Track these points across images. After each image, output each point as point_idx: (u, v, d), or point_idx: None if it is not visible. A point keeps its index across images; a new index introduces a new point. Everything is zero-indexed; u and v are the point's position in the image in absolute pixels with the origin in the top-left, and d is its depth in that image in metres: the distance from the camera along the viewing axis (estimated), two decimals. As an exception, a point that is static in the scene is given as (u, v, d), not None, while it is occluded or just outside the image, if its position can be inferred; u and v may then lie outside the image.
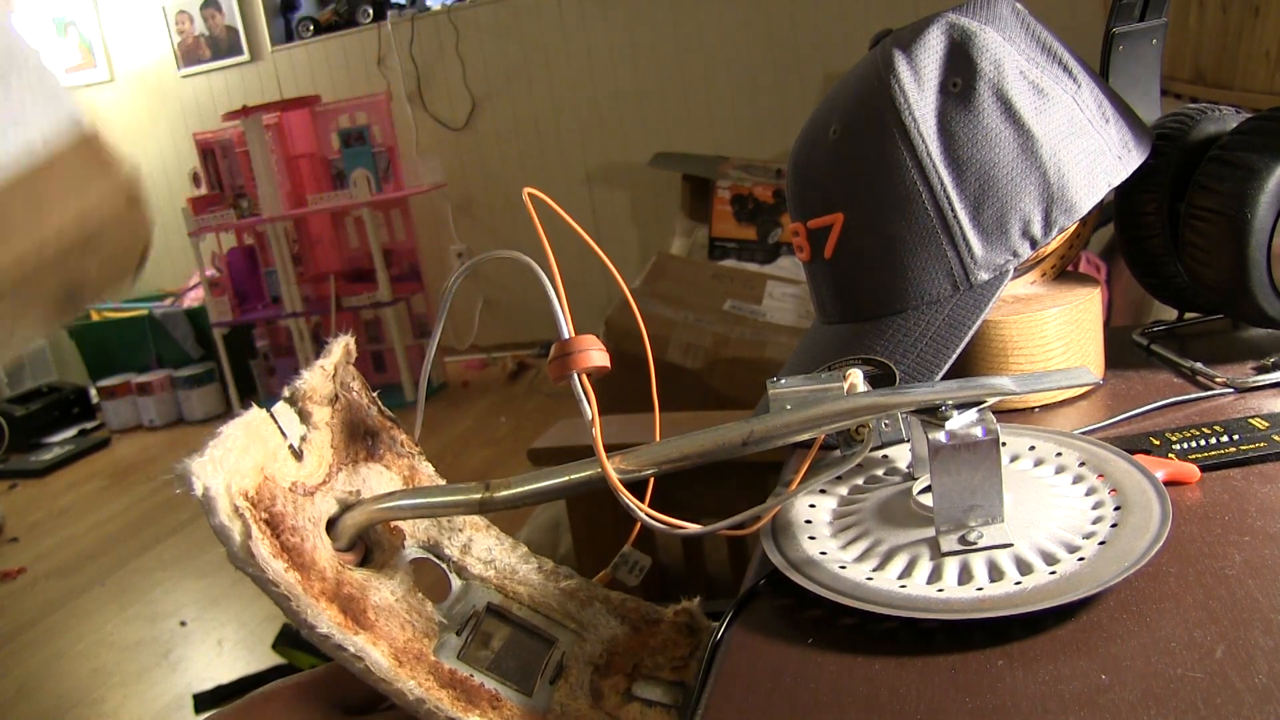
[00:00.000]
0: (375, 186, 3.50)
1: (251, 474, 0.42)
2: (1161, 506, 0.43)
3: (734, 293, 2.26)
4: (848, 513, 0.50)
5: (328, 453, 0.47)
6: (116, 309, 4.21)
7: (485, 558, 0.51)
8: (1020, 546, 0.43)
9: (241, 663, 2.01)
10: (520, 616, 0.49)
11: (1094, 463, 0.49)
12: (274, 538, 0.41)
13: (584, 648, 0.49)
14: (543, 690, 0.46)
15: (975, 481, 0.43)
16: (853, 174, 0.62)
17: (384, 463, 0.50)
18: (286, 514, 0.43)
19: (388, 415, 0.52)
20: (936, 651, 0.40)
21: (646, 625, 0.51)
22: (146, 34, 4.23)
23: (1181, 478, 0.49)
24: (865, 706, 0.37)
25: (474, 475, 0.50)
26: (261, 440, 0.43)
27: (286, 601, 0.40)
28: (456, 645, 0.46)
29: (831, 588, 0.43)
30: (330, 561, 0.44)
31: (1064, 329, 0.62)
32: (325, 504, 0.46)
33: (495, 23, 3.77)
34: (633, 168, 3.68)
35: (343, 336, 0.50)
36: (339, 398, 0.49)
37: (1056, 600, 0.39)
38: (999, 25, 0.60)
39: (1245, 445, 0.50)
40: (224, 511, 0.39)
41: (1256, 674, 0.34)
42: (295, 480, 0.45)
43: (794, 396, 0.46)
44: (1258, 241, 0.56)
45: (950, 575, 0.43)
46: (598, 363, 0.42)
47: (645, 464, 0.43)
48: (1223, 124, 0.62)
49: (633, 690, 0.47)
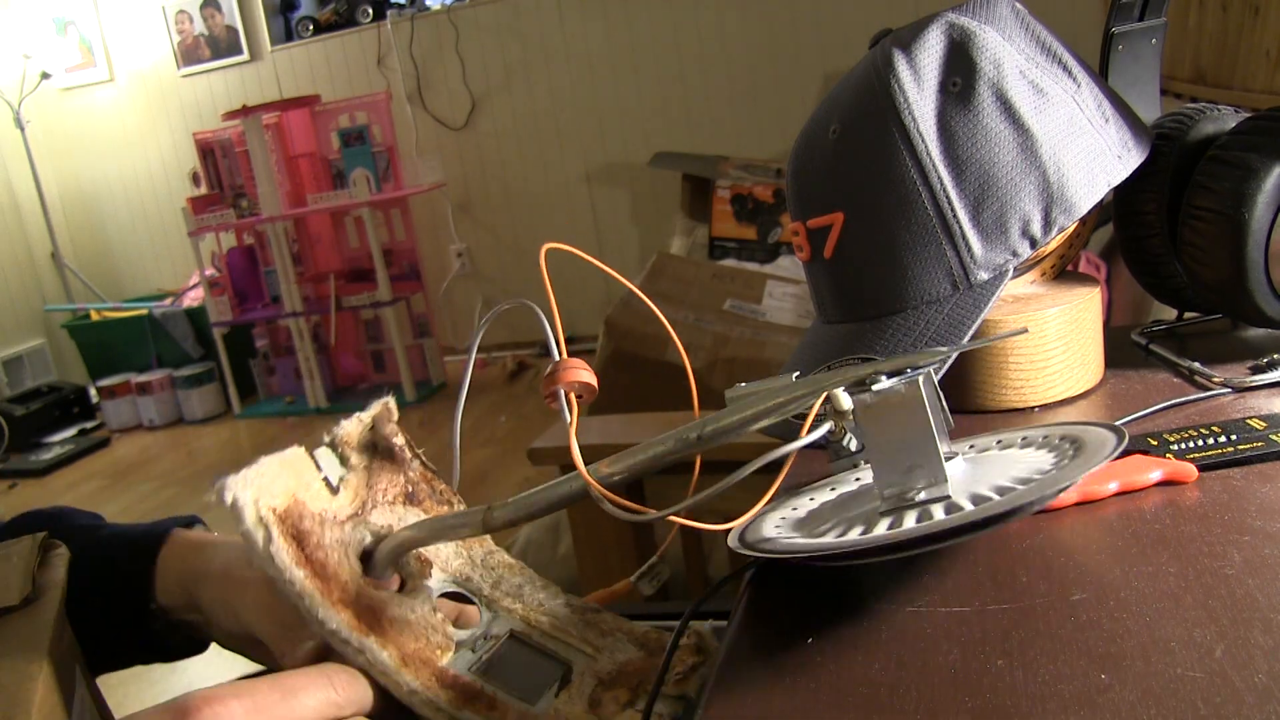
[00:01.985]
0: (375, 186, 3.50)
1: (282, 497, 0.46)
2: (1115, 445, 0.42)
3: (734, 292, 2.26)
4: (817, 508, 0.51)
5: (364, 491, 0.51)
6: (116, 309, 4.21)
7: (514, 593, 0.54)
8: (957, 497, 0.43)
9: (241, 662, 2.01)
10: (539, 642, 0.51)
11: (1072, 434, 0.48)
12: (299, 550, 0.45)
13: (596, 665, 0.51)
14: (546, 700, 0.48)
15: (907, 436, 0.43)
16: (853, 174, 0.63)
17: (423, 508, 0.54)
18: (313, 531, 0.46)
19: (429, 467, 0.56)
20: (937, 651, 0.40)
21: (661, 650, 0.52)
22: (146, 34, 4.23)
23: (1179, 477, 0.49)
24: (865, 706, 0.37)
25: (474, 474, 0.51)
26: (297, 472, 0.48)
27: (301, 600, 0.43)
28: (470, 660, 0.48)
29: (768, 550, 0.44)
30: (354, 578, 0.47)
31: (1064, 329, 0.62)
32: (358, 533, 0.49)
33: (495, 22, 3.77)
34: (633, 168, 3.68)
35: (383, 398, 0.55)
36: (375, 446, 0.53)
37: (963, 522, 0.39)
38: (999, 25, 0.60)
39: (1243, 445, 0.50)
40: (250, 519, 0.43)
41: (1256, 673, 0.34)
42: (326, 508, 0.48)
43: (750, 394, 0.47)
44: (1256, 241, 0.57)
45: (880, 528, 0.43)
46: (583, 379, 0.46)
47: (620, 469, 0.45)
48: (1222, 124, 0.62)
49: (635, 703, 0.48)
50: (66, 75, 4.36)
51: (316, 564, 0.45)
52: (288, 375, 3.87)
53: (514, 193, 3.91)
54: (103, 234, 4.62)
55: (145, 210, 4.52)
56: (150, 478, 3.29)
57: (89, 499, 3.15)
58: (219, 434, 3.73)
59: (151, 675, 2.04)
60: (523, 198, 3.89)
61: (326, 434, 0.51)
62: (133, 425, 3.91)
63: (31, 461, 3.59)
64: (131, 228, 4.56)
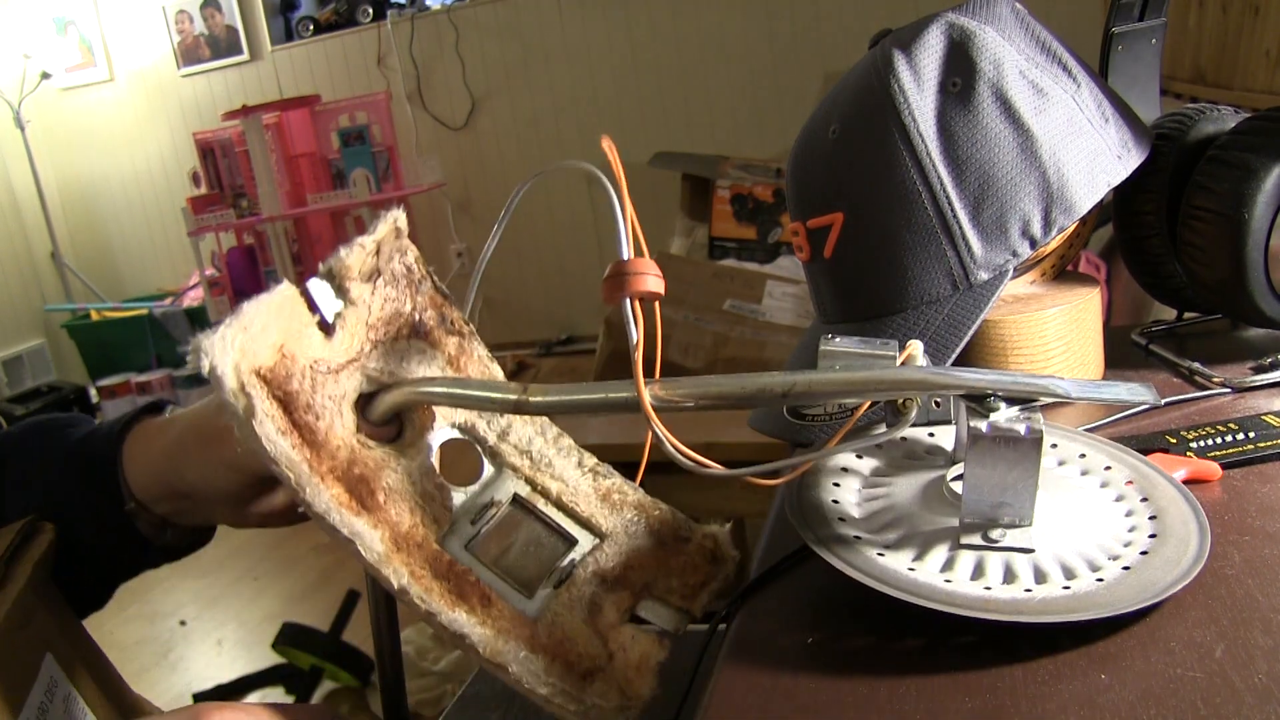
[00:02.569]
0: (375, 186, 3.50)
1: (268, 352, 0.42)
2: (1199, 544, 0.41)
3: (734, 292, 2.26)
4: (877, 483, 0.49)
5: (361, 329, 0.47)
6: (116, 309, 4.21)
7: (522, 446, 0.50)
8: (1041, 555, 0.42)
9: (241, 662, 2.01)
10: (544, 513, 0.48)
11: (1141, 484, 0.47)
12: (286, 415, 0.41)
13: (600, 556, 0.47)
14: (543, 593, 0.45)
15: (1010, 480, 0.42)
16: (852, 174, 0.62)
17: (430, 339, 0.49)
18: (302, 391, 0.42)
19: (442, 291, 0.51)
20: (936, 652, 0.40)
21: (674, 541, 0.49)
22: (146, 33, 4.23)
23: (1203, 476, 0.49)
24: (865, 706, 0.37)
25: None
26: (286, 318, 0.43)
27: (287, 479, 0.40)
28: (468, 535, 0.45)
29: (845, 560, 0.42)
30: (346, 439, 0.43)
31: (1064, 329, 0.62)
32: (353, 381, 0.45)
33: (495, 22, 3.77)
34: (633, 168, 3.67)
35: (392, 212, 0.49)
36: (380, 273, 0.48)
37: (1060, 616, 0.38)
38: (998, 25, 0.60)
39: (1263, 442, 0.50)
40: (230, 389, 0.40)
41: (1256, 674, 0.34)
42: (318, 358, 0.44)
43: (844, 356, 0.44)
44: (1255, 241, 0.56)
45: (963, 569, 0.42)
46: (652, 288, 0.41)
47: (682, 396, 0.42)
48: (1221, 124, 0.62)
49: (637, 609, 0.46)
50: (66, 75, 4.36)
51: (305, 429, 0.42)
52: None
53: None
54: (103, 234, 4.61)
55: (145, 210, 4.51)
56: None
57: (89, 499, 3.15)
58: (219, 434, 3.73)
59: (152, 675, 2.04)
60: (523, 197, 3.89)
61: (323, 263, 0.46)
62: (133, 425, 3.91)
63: (31, 461, 3.58)
64: (131, 228, 4.56)
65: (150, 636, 2.21)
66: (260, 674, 1.90)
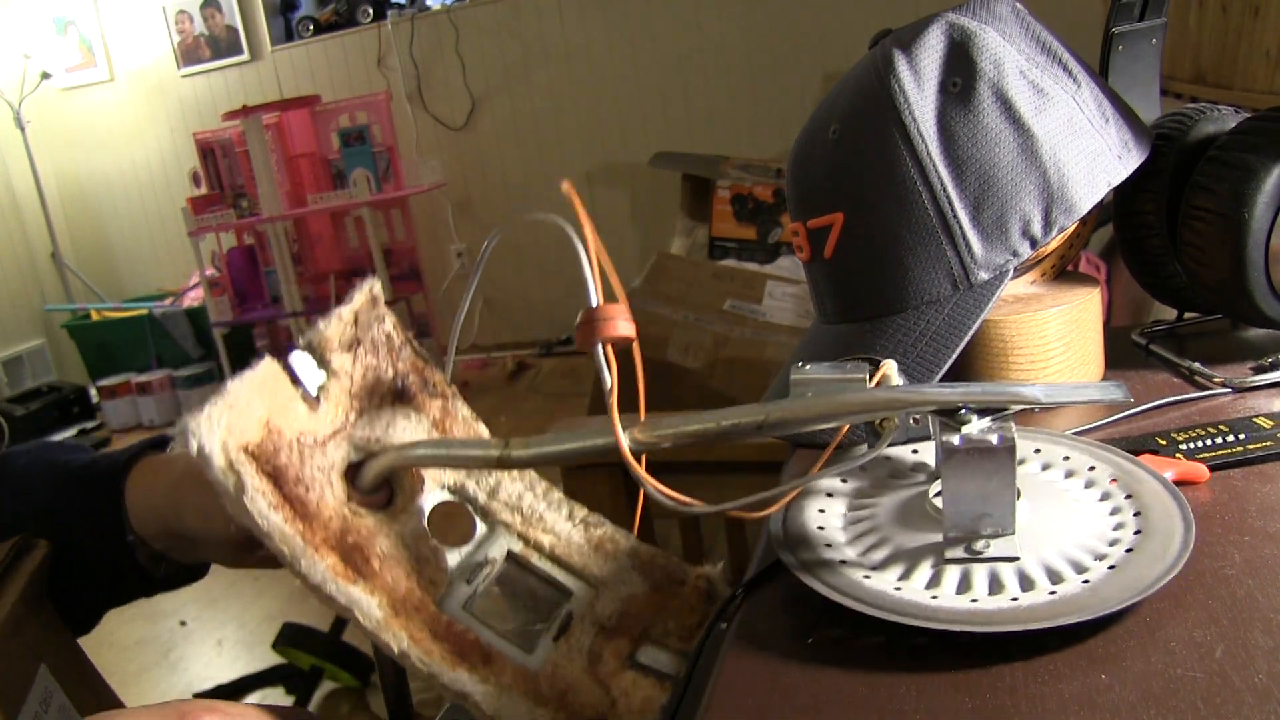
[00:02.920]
0: (375, 186, 3.50)
1: (255, 428, 0.42)
2: (1184, 538, 0.41)
3: (734, 292, 2.26)
4: (862, 504, 0.50)
5: (345, 399, 0.47)
6: (116, 309, 4.21)
7: (513, 502, 0.50)
8: (1026, 561, 0.42)
9: (241, 662, 2.01)
10: (538, 567, 0.48)
11: (1125, 481, 0.47)
12: (276, 489, 0.41)
13: (597, 605, 0.48)
14: (544, 647, 0.45)
15: (988, 490, 0.42)
16: (852, 174, 0.62)
17: (414, 405, 0.50)
18: (291, 465, 0.43)
19: (421, 355, 0.51)
20: (936, 652, 0.40)
21: (669, 585, 0.49)
22: (146, 34, 4.23)
23: (1191, 477, 0.49)
24: (865, 706, 0.37)
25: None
26: (270, 393, 0.44)
27: (282, 554, 0.40)
28: (464, 595, 0.45)
29: (831, 586, 0.43)
30: (338, 510, 0.44)
31: (1064, 329, 0.62)
32: (340, 451, 0.46)
33: (495, 22, 3.77)
34: (633, 168, 3.67)
35: (367, 281, 0.50)
36: (360, 343, 0.48)
37: (1047, 622, 0.38)
38: (999, 25, 0.60)
39: (1253, 444, 0.50)
40: (219, 467, 0.40)
41: (1256, 674, 0.34)
42: (305, 430, 0.44)
43: (816, 383, 0.44)
44: (1255, 241, 0.56)
45: (949, 583, 0.42)
46: (623, 332, 0.42)
47: (659, 437, 0.42)
48: (1222, 124, 0.62)
49: (636, 655, 0.46)
50: (66, 75, 4.36)
51: (296, 501, 0.42)
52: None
53: (514, 193, 3.90)
54: (103, 234, 4.61)
55: (145, 210, 4.51)
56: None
57: (89, 499, 3.15)
58: (219, 434, 3.73)
59: (152, 675, 2.04)
60: (523, 198, 3.89)
61: (302, 335, 0.47)
62: (133, 425, 3.91)
63: (31, 461, 3.59)
64: (132, 228, 4.56)
65: (150, 636, 2.21)
66: (260, 674, 1.90)
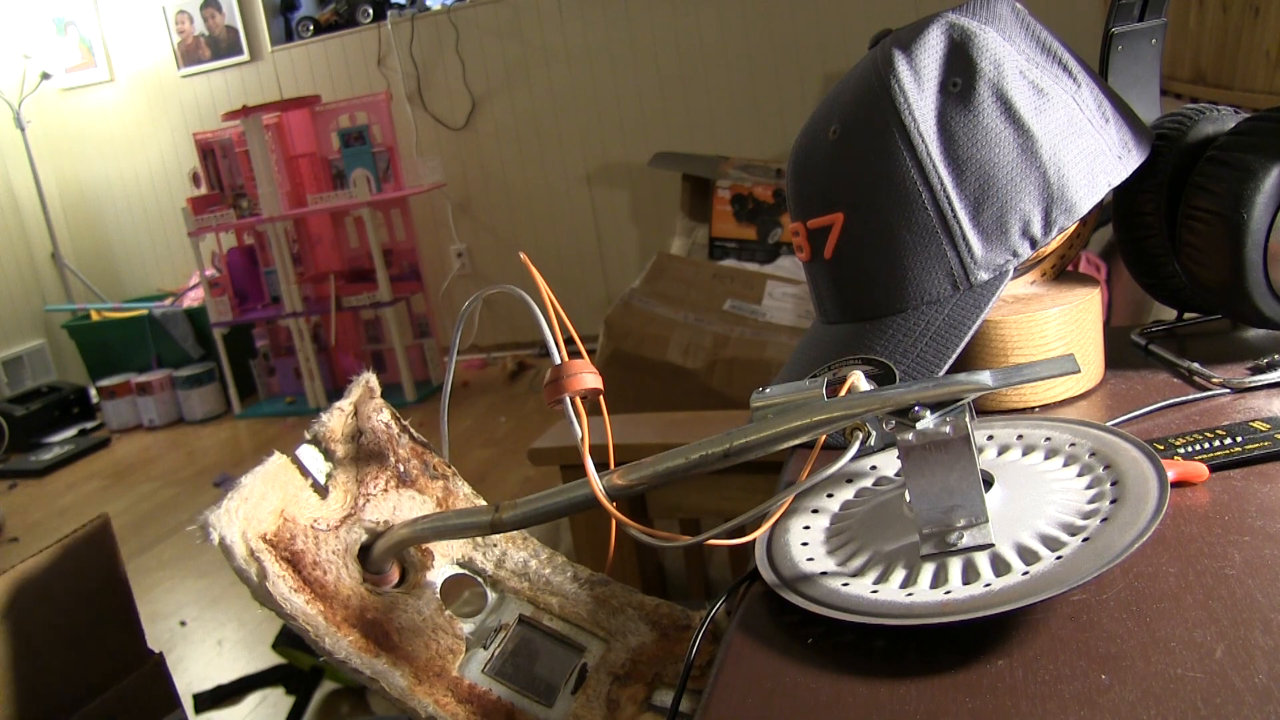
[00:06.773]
0: (375, 186, 3.50)
1: (270, 518, 0.45)
2: (1158, 500, 0.42)
3: (734, 293, 2.26)
4: (846, 515, 0.50)
5: (353, 486, 0.50)
6: (116, 309, 4.21)
7: (519, 570, 0.53)
8: (1001, 547, 0.42)
9: (241, 662, 2.01)
10: (550, 627, 0.51)
11: (1104, 453, 0.47)
12: (296, 574, 0.44)
13: (609, 656, 0.50)
14: (564, 700, 0.47)
15: (950, 482, 0.42)
16: (853, 174, 0.63)
17: (416, 487, 0.53)
18: (307, 550, 0.46)
19: (419, 441, 0.54)
20: (936, 652, 0.40)
21: (675, 631, 0.51)
22: (146, 34, 4.23)
23: (1191, 477, 0.49)
24: (865, 706, 0.37)
25: (474, 475, 0.50)
26: (282, 485, 0.47)
27: (306, 633, 0.42)
28: (483, 659, 0.48)
29: (806, 595, 0.43)
30: (355, 589, 0.46)
31: (1064, 329, 0.62)
32: (352, 534, 0.48)
33: (495, 22, 3.77)
34: (633, 168, 3.68)
35: (363, 375, 0.53)
36: (361, 433, 0.52)
37: (1016, 603, 0.38)
38: (999, 25, 0.60)
39: (1250, 446, 0.50)
40: (241, 557, 0.42)
41: (1256, 674, 0.34)
42: (317, 517, 0.48)
43: (775, 405, 0.46)
44: (1254, 242, 0.56)
45: (925, 579, 0.42)
46: (590, 385, 0.45)
47: (634, 481, 0.44)
48: (1221, 124, 0.62)
49: (652, 699, 0.48)
50: (66, 75, 4.36)
51: (316, 584, 0.45)
52: (288, 375, 3.86)
53: (514, 193, 3.91)
54: (103, 234, 4.61)
55: (145, 210, 4.51)
56: (150, 478, 3.29)
57: (89, 499, 3.15)
58: (219, 434, 3.73)
59: (152, 675, 2.04)
60: (523, 198, 3.89)
61: (308, 430, 0.50)
62: (133, 425, 3.91)
63: (31, 462, 3.58)
64: (131, 228, 4.56)
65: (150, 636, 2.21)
66: (260, 674, 1.90)
